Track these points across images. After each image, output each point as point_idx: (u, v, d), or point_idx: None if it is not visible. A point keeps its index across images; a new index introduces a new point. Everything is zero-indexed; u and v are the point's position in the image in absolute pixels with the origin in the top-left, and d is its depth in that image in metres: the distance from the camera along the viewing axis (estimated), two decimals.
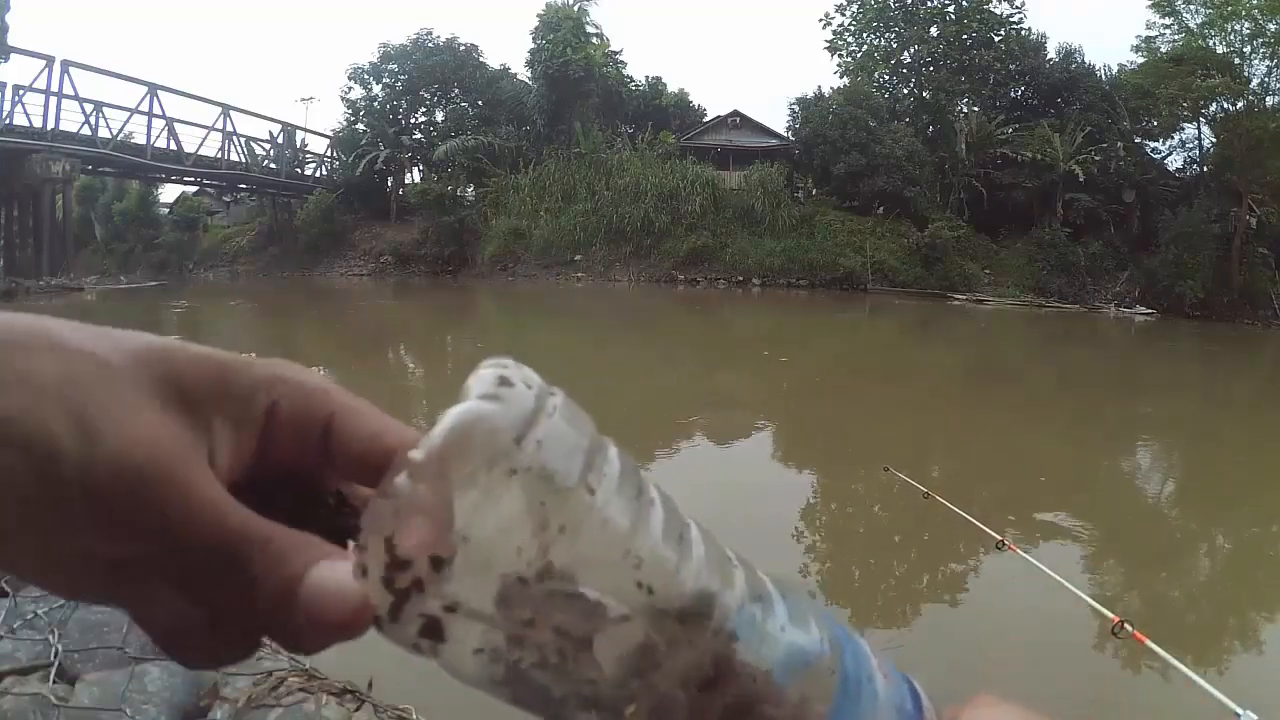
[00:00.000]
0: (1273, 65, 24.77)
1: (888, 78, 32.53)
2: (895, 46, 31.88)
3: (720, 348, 15.17)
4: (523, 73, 33.02)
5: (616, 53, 31.99)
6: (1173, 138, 29.17)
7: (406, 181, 34.29)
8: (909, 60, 32.04)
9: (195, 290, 26.81)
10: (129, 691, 1.96)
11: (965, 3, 30.54)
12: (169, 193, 37.53)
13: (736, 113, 32.51)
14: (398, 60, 33.91)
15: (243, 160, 30.80)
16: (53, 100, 23.72)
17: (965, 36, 30.21)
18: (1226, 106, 25.55)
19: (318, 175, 35.18)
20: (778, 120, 40.10)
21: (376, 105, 34.45)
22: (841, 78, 32.23)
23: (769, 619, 0.23)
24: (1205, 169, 27.83)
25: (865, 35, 32.56)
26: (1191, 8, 25.32)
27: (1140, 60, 27.73)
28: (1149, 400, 11.36)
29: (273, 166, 32.92)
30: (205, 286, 28.96)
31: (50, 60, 23.52)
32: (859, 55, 32.58)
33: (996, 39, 30.42)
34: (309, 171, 35.37)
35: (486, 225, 30.11)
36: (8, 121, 23.10)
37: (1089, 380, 12.91)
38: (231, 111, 29.81)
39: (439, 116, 34.95)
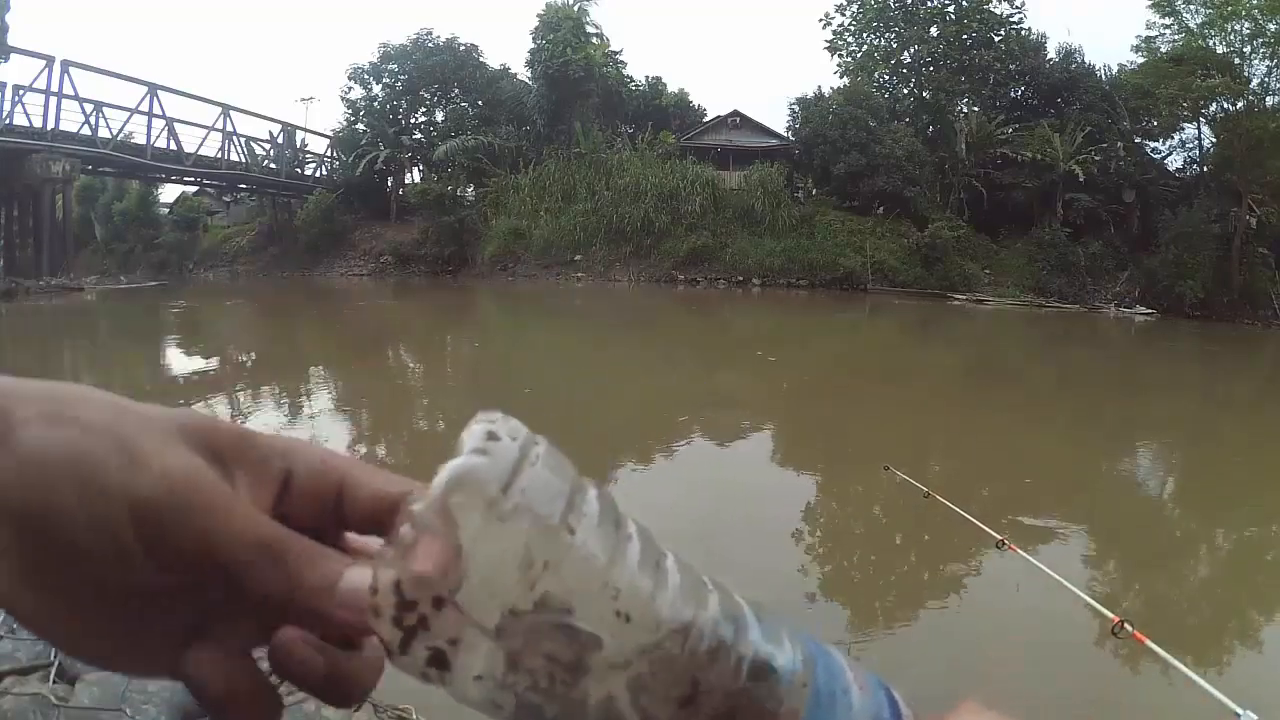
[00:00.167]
0: (1273, 65, 24.76)
1: (888, 78, 32.53)
2: (895, 46, 31.88)
3: (720, 347, 15.17)
4: (523, 73, 33.07)
5: (616, 53, 32.03)
6: (1173, 138, 29.22)
7: (406, 181, 34.29)
8: (909, 60, 32.05)
9: (195, 290, 26.82)
10: (129, 691, 1.95)
11: (965, 3, 30.54)
12: (169, 193, 37.59)
13: (736, 113, 32.51)
14: (398, 60, 33.90)
15: (243, 160, 30.80)
16: (53, 100, 23.74)
17: (965, 36, 30.21)
18: (1226, 106, 25.54)
19: (318, 175, 35.18)
20: (778, 120, 40.10)
21: (376, 105, 34.44)
22: (841, 78, 32.27)
23: (742, 638, 0.25)
24: (1205, 169, 27.82)
25: (865, 35, 32.57)
26: (1191, 8, 25.34)
27: (1140, 60, 27.76)
28: (1149, 400, 11.36)
29: (273, 166, 32.92)
30: (205, 286, 28.96)
31: (50, 60, 23.53)
32: (859, 55, 32.59)
33: (996, 39, 30.42)
34: (309, 171, 35.37)
35: (486, 225, 30.11)
36: (8, 121, 23.10)
37: (1089, 380, 12.91)
38: (231, 111, 29.82)
39: (439, 116, 34.96)
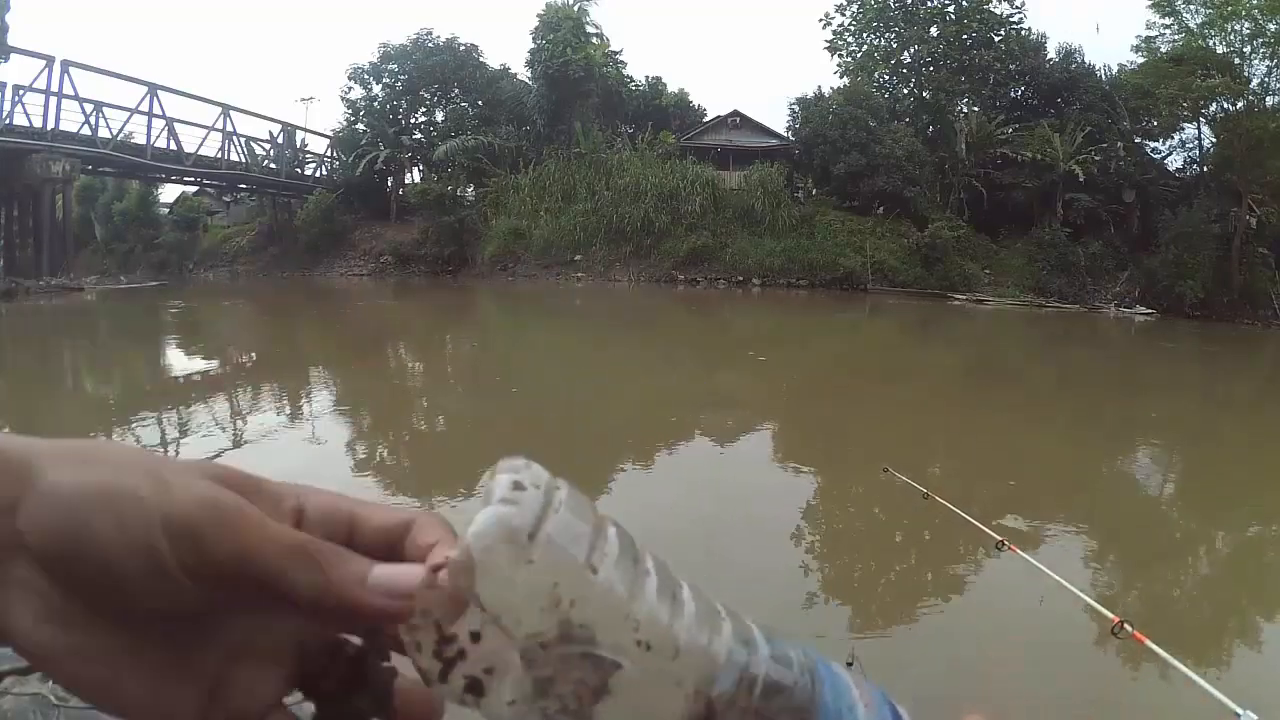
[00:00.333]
0: (1273, 65, 24.77)
1: (888, 78, 32.53)
2: (895, 46, 31.88)
3: (720, 347, 15.16)
4: (523, 73, 33.06)
5: (616, 53, 32.02)
6: (1173, 138, 29.23)
7: (406, 181, 34.28)
8: (909, 60, 32.04)
9: (195, 290, 26.81)
10: None
11: (965, 3, 30.54)
12: (169, 193, 37.55)
13: (736, 113, 32.50)
14: (398, 60, 33.89)
15: (243, 160, 30.78)
16: (53, 100, 23.72)
17: (965, 36, 30.21)
18: (1226, 106, 25.54)
19: (318, 175, 35.16)
20: (778, 120, 40.12)
21: (376, 105, 34.43)
22: (841, 78, 32.27)
23: (754, 660, 0.27)
24: (1205, 169, 27.82)
25: (865, 35, 32.57)
26: (1191, 8, 25.34)
27: (1140, 60, 27.76)
28: (1149, 400, 11.35)
29: (273, 166, 32.89)
30: (205, 286, 28.95)
31: (50, 60, 23.51)
32: (859, 55, 32.59)
33: (996, 39, 30.42)
34: (309, 171, 35.34)
35: (486, 225, 30.10)
36: (8, 121, 23.09)
37: (1089, 380, 12.91)
38: (231, 111, 29.79)
39: (439, 116, 34.94)
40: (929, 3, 31.31)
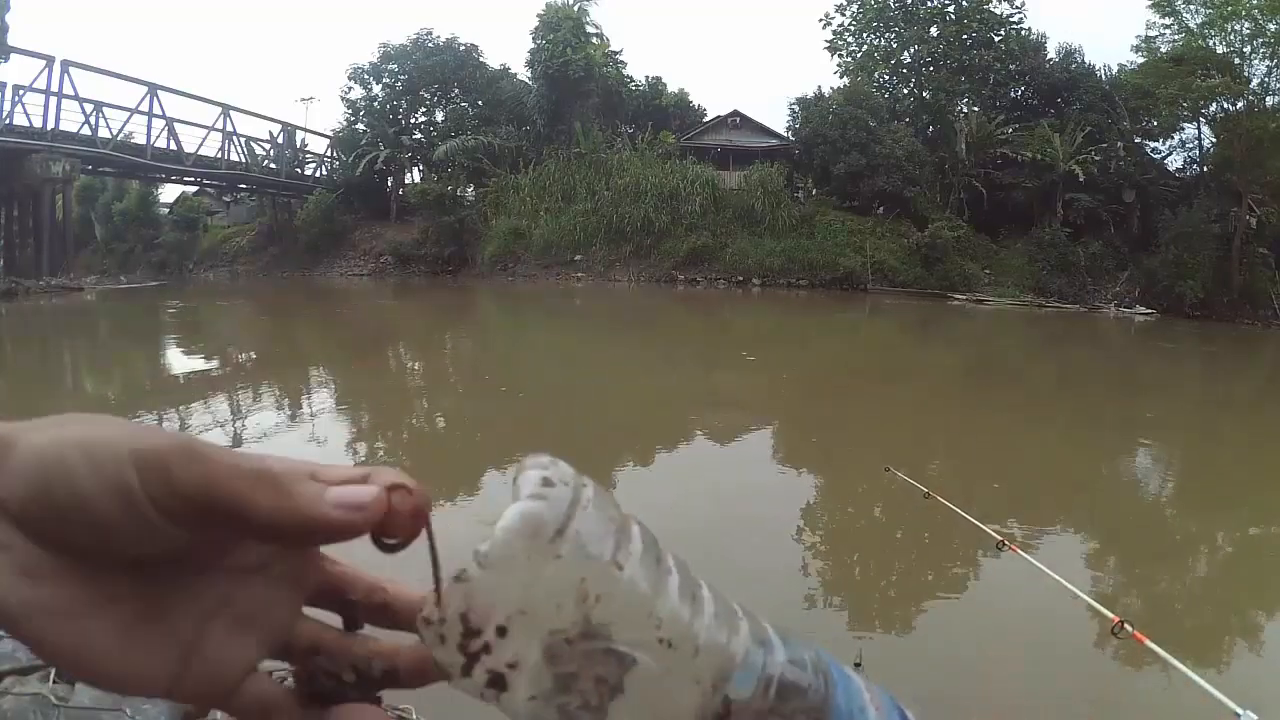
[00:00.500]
0: (1273, 65, 24.76)
1: (888, 78, 32.53)
2: (895, 46, 31.89)
3: (720, 347, 15.16)
4: (523, 73, 33.07)
5: (616, 53, 32.00)
6: (1173, 138, 29.25)
7: (406, 181, 34.27)
8: (909, 60, 32.05)
9: (195, 290, 26.81)
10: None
11: (965, 3, 30.54)
12: (169, 193, 37.61)
13: (736, 113, 32.49)
14: (398, 60, 33.90)
15: (243, 160, 30.80)
16: (53, 100, 23.75)
17: (965, 36, 30.21)
18: (1226, 106, 25.55)
19: (318, 175, 35.17)
20: (778, 120, 40.14)
21: (376, 105, 34.44)
22: (841, 78, 32.27)
23: (770, 661, 0.27)
24: (1205, 169, 27.83)
25: (865, 35, 32.57)
26: (1191, 8, 25.34)
27: (1140, 60, 27.76)
28: (1149, 400, 11.36)
29: (273, 166, 32.91)
30: (205, 286, 28.96)
31: (50, 60, 23.53)
32: (859, 55, 32.59)
33: (996, 39, 30.42)
34: (309, 171, 35.37)
35: (486, 225, 30.10)
36: (8, 121, 23.10)
37: (1089, 380, 12.91)
38: (231, 111, 29.82)
39: (439, 116, 34.95)
40: (929, 3, 31.31)
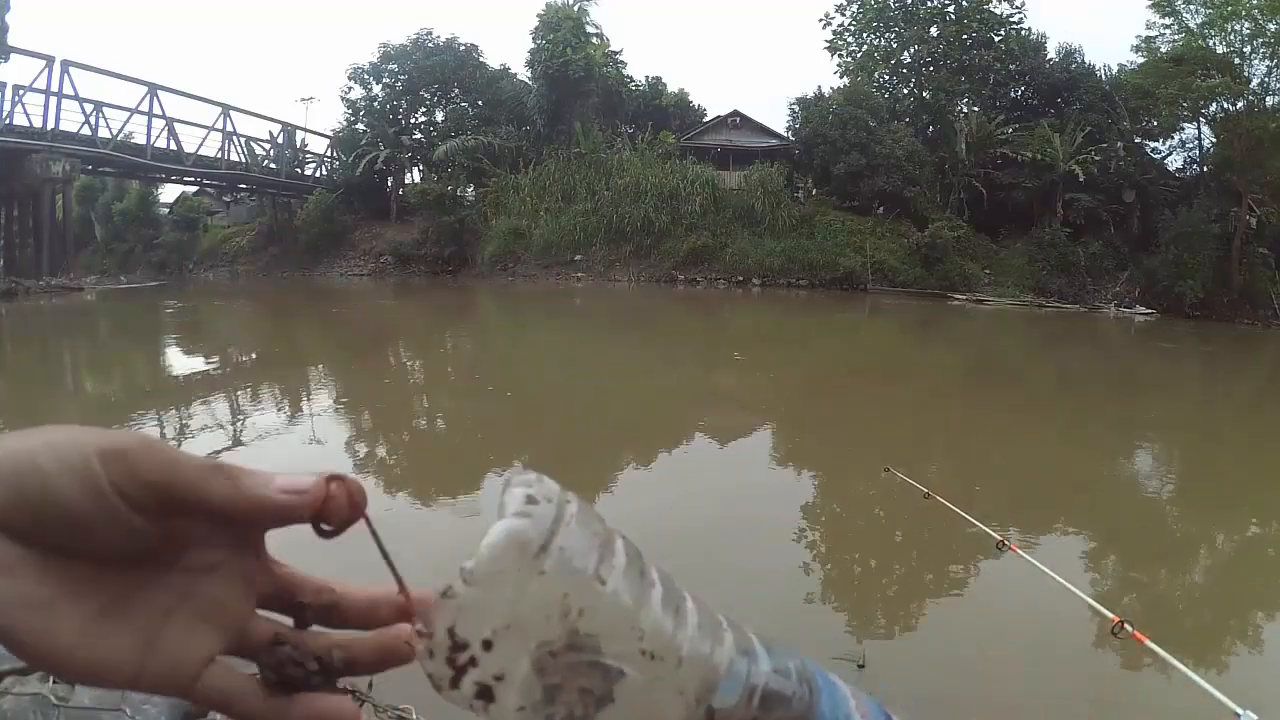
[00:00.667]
0: (1273, 65, 24.76)
1: (888, 78, 32.52)
2: (895, 46, 31.88)
3: (720, 347, 15.15)
4: (523, 73, 33.04)
5: (616, 53, 31.99)
6: (1173, 138, 29.23)
7: (406, 181, 34.27)
8: (909, 60, 32.04)
9: (195, 290, 26.81)
10: (129, 691, 1.94)
11: (965, 3, 30.54)
12: (169, 193, 37.59)
13: (736, 113, 32.48)
14: (398, 60, 33.89)
15: (243, 160, 30.79)
16: (53, 100, 23.73)
17: (965, 36, 30.20)
18: (1226, 106, 25.55)
19: (318, 175, 35.16)
20: (778, 120, 40.13)
21: (376, 105, 34.43)
22: (841, 78, 32.27)
23: (754, 670, 0.28)
24: (1205, 169, 27.82)
25: (865, 35, 32.56)
26: (1191, 8, 25.33)
27: (1140, 60, 27.74)
28: (1149, 400, 11.36)
29: (273, 166, 32.90)
30: (205, 286, 28.95)
31: (50, 60, 23.52)
32: (859, 55, 32.58)
33: (996, 39, 30.41)
34: (309, 171, 35.35)
35: (486, 225, 30.09)
36: (8, 121, 23.09)
37: (1089, 380, 12.91)
38: (231, 111, 29.80)
39: (439, 116, 34.94)
40: (929, 3, 31.30)
